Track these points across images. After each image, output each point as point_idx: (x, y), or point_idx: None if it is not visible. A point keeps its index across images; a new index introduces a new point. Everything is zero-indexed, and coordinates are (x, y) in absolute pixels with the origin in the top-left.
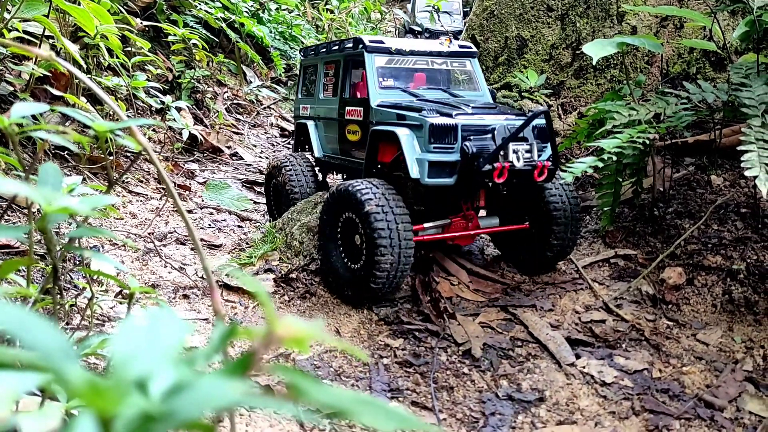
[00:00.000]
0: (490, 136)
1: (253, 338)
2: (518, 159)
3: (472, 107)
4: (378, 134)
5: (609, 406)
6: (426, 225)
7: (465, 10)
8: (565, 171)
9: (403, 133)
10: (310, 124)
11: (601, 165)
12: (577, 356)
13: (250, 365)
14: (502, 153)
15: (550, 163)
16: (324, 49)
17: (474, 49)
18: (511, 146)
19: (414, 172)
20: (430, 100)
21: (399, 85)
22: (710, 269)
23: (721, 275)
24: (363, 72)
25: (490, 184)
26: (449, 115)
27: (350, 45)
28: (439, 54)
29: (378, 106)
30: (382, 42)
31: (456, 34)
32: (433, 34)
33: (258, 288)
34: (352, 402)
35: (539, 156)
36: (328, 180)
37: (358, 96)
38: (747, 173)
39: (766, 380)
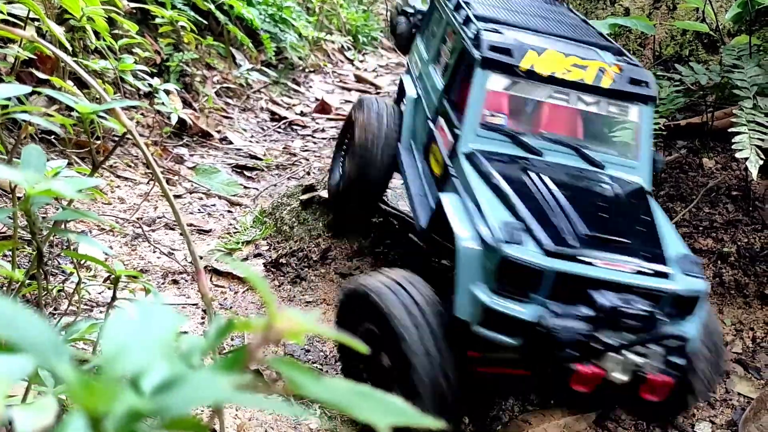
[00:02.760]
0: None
1: (251, 330)
2: (619, 369)
3: (590, 231)
4: (442, 208)
5: None
6: None
7: None
8: None
9: (467, 249)
10: (410, 92)
11: None
12: None
13: (247, 359)
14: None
15: (673, 380)
16: (453, 7)
17: (652, 91)
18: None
19: (461, 310)
20: (544, 177)
21: (515, 125)
22: (701, 252)
23: (711, 258)
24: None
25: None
26: (540, 245)
27: (470, 35)
28: (596, 90)
29: (465, 156)
30: (509, 53)
31: None
32: None
33: (253, 275)
34: (349, 395)
35: (665, 363)
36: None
37: (460, 112)
38: (738, 155)
39: (755, 362)
